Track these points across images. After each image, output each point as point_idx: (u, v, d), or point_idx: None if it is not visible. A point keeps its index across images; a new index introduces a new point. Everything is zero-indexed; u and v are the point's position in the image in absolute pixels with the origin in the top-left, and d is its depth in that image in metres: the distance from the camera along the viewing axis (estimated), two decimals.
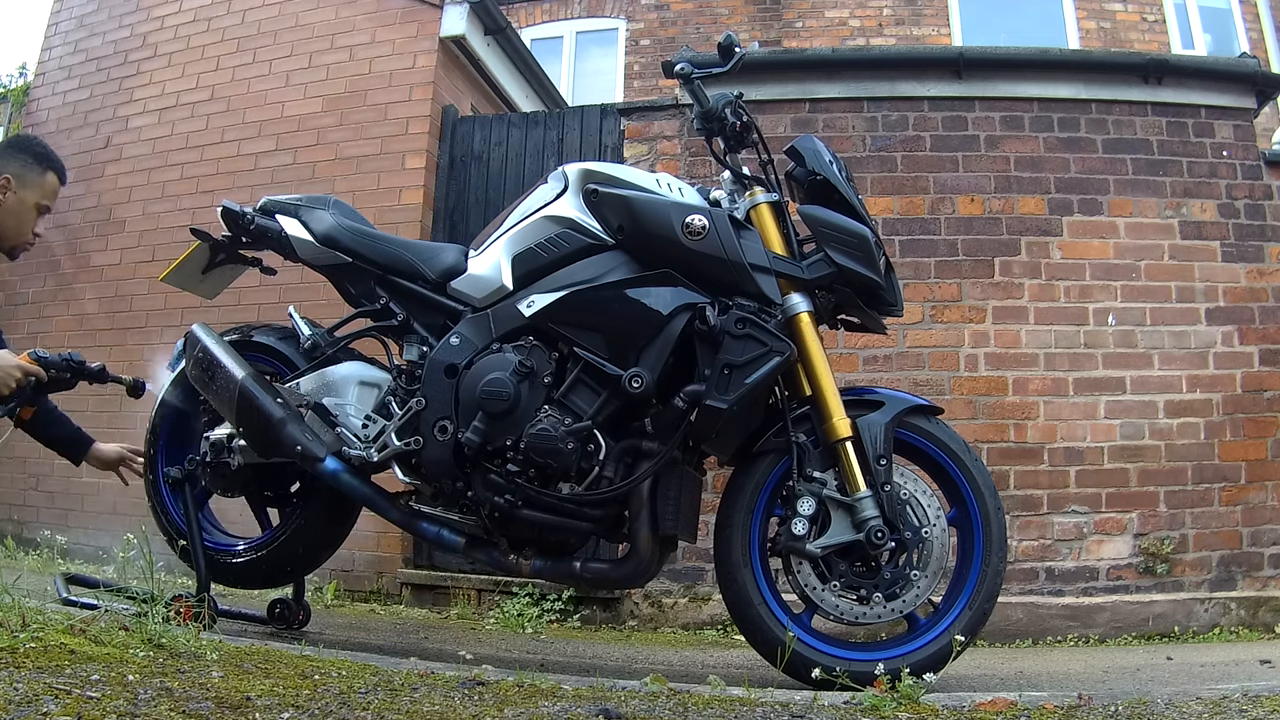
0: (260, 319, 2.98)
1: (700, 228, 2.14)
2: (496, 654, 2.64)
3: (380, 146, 4.53)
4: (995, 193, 3.98)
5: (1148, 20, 7.81)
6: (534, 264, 2.24)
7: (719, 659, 2.85)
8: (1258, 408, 3.81)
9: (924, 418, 2.24)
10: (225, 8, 5.08)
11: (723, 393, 2.07)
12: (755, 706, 1.59)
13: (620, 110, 4.34)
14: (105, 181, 5.04)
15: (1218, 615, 3.59)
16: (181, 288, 2.69)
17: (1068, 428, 3.76)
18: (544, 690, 1.63)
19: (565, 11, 8.80)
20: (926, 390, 3.76)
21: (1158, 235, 3.93)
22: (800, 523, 2.11)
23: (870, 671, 1.97)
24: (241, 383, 2.28)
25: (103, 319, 4.81)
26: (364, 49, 4.72)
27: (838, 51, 4.82)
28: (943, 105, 4.06)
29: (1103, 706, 1.64)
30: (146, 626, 1.63)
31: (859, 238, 2.17)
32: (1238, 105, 4.08)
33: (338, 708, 1.33)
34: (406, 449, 2.23)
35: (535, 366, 2.17)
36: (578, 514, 2.16)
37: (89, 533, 4.52)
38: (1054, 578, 3.64)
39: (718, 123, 2.27)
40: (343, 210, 2.52)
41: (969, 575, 2.18)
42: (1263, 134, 4.98)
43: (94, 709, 1.13)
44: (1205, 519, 3.71)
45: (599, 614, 3.70)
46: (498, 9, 4.83)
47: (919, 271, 3.91)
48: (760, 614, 2.14)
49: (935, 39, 7.85)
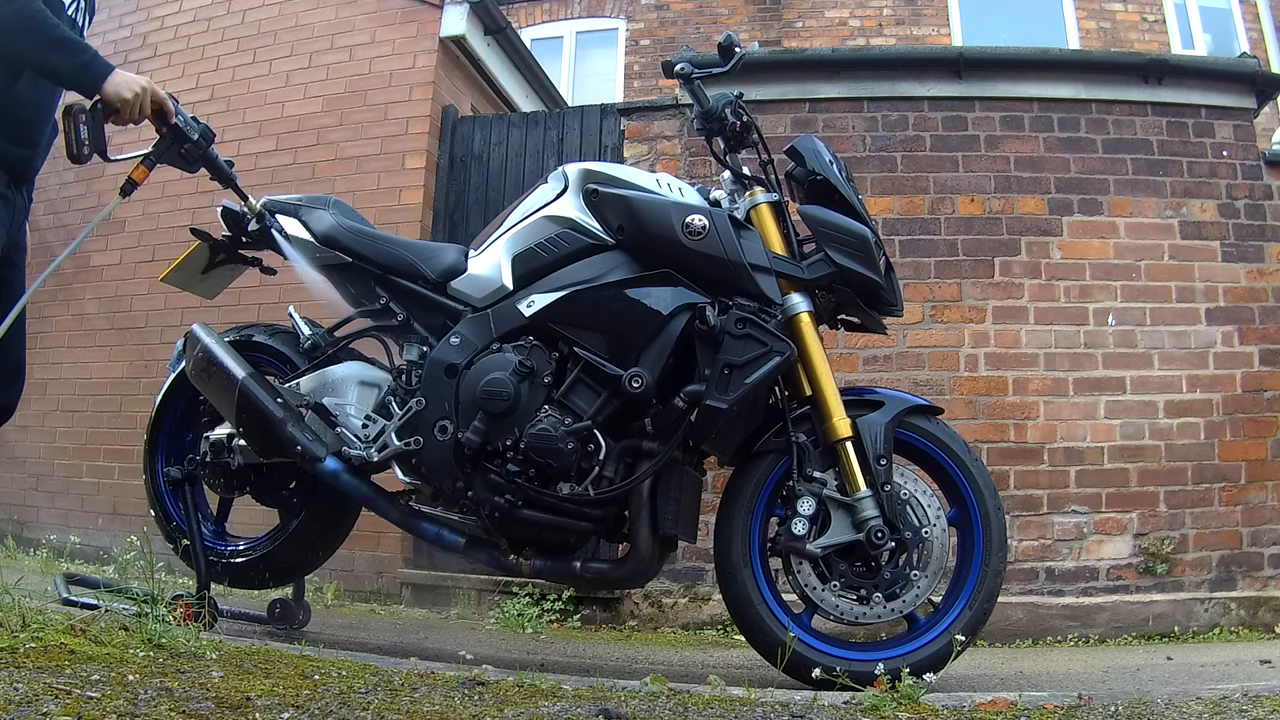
0: (260, 319, 2.98)
1: (700, 228, 2.14)
2: (496, 654, 2.64)
3: (380, 146, 4.53)
4: (995, 193, 3.98)
5: (1148, 20, 7.81)
6: (534, 264, 2.24)
7: (719, 659, 2.85)
8: (1258, 408, 3.81)
9: (924, 418, 2.25)
10: (225, 8, 5.08)
11: (723, 393, 2.07)
12: (755, 706, 1.59)
13: (620, 110, 4.34)
14: (105, 181, 5.04)
15: (1218, 615, 3.59)
16: (181, 288, 2.69)
17: (1068, 428, 3.76)
18: (544, 690, 1.63)
19: (565, 11, 8.80)
20: (926, 390, 3.76)
21: (1158, 235, 3.93)
22: (800, 523, 2.11)
23: (870, 671, 1.97)
24: (242, 383, 2.28)
25: (103, 319, 4.81)
26: (364, 49, 4.72)
27: (838, 51, 4.82)
28: (943, 105, 4.05)
29: (1103, 706, 1.64)
30: (146, 626, 1.63)
31: (859, 238, 2.17)
32: (1238, 105, 4.07)
33: (338, 708, 1.33)
34: (406, 449, 2.23)
35: (535, 366, 2.17)
36: (578, 514, 2.16)
37: (89, 533, 4.52)
38: (1054, 578, 3.64)
39: (718, 123, 2.27)
40: (343, 210, 2.52)
41: (969, 575, 2.18)
42: (1263, 134, 4.98)
43: (94, 709, 1.13)
44: (1205, 519, 3.71)
45: (599, 614, 3.70)
46: (498, 9, 4.83)
47: (919, 271, 3.91)
48: (760, 614, 2.14)
49: (935, 39, 7.84)
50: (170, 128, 2.31)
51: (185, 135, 2.32)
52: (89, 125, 2.16)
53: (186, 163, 2.37)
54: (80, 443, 4.78)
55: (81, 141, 2.16)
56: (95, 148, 2.18)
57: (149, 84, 2.22)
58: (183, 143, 2.33)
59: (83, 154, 2.17)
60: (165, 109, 2.29)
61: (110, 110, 2.19)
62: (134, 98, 2.19)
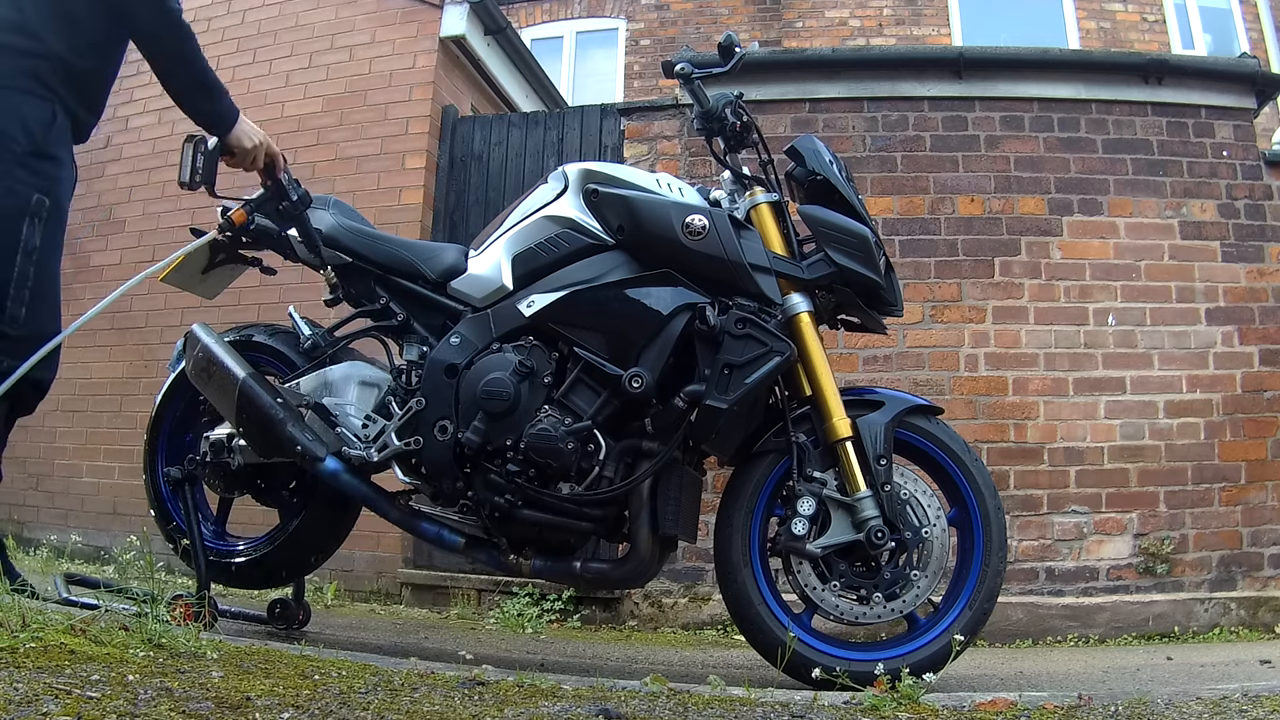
0: (260, 319, 2.98)
1: (700, 227, 2.14)
2: (496, 654, 2.64)
3: (380, 146, 4.53)
4: (995, 193, 3.98)
5: (1148, 20, 7.81)
6: (534, 264, 2.24)
7: (719, 659, 2.85)
8: (1258, 408, 3.81)
9: (924, 418, 2.24)
10: (225, 8, 5.08)
11: (723, 393, 2.07)
12: (755, 706, 1.59)
13: (620, 110, 4.34)
14: (105, 181, 5.04)
15: (1218, 615, 3.59)
16: (181, 288, 2.69)
17: (1068, 428, 3.76)
18: (544, 690, 1.63)
19: (565, 11, 8.80)
20: (926, 390, 3.76)
21: (1158, 235, 3.93)
22: (800, 523, 2.11)
23: (870, 671, 1.97)
24: (242, 383, 2.28)
25: (103, 319, 4.75)
26: (364, 49, 4.72)
27: (838, 51, 4.82)
28: (943, 105, 4.05)
29: (1103, 706, 1.64)
30: (146, 626, 1.63)
31: (859, 238, 2.17)
32: (1238, 105, 4.07)
33: (338, 708, 1.33)
34: (406, 449, 2.23)
35: (535, 366, 2.17)
36: (578, 514, 2.16)
37: (89, 533, 4.52)
38: (1054, 578, 3.64)
39: (718, 123, 2.27)
40: (343, 210, 2.52)
41: (969, 575, 2.18)
42: (1263, 134, 4.98)
43: (94, 709, 1.13)
44: (1205, 519, 3.71)
45: (599, 614, 3.70)
46: (498, 9, 4.83)
47: (919, 271, 3.91)
48: (760, 614, 2.14)
49: (935, 39, 7.85)
50: (275, 181, 2.38)
51: (286, 194, 2.38)
52: (205, 157, 2.30)
53: (281, 219, 2.43)
54: (80, 443, 4.78)
55: (196, 170, 2.29)
56: (206, 180, 2.31)
57: (266, 138, 2.36)
58: (281, 199, 2.39)
59: (194, 182, 2.30)
60: (275, 163, 2.39)
61: (227, 151, 2.32)
62: (253, 148, 2.33)
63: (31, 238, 2.15)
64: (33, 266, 2.16)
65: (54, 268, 2.28)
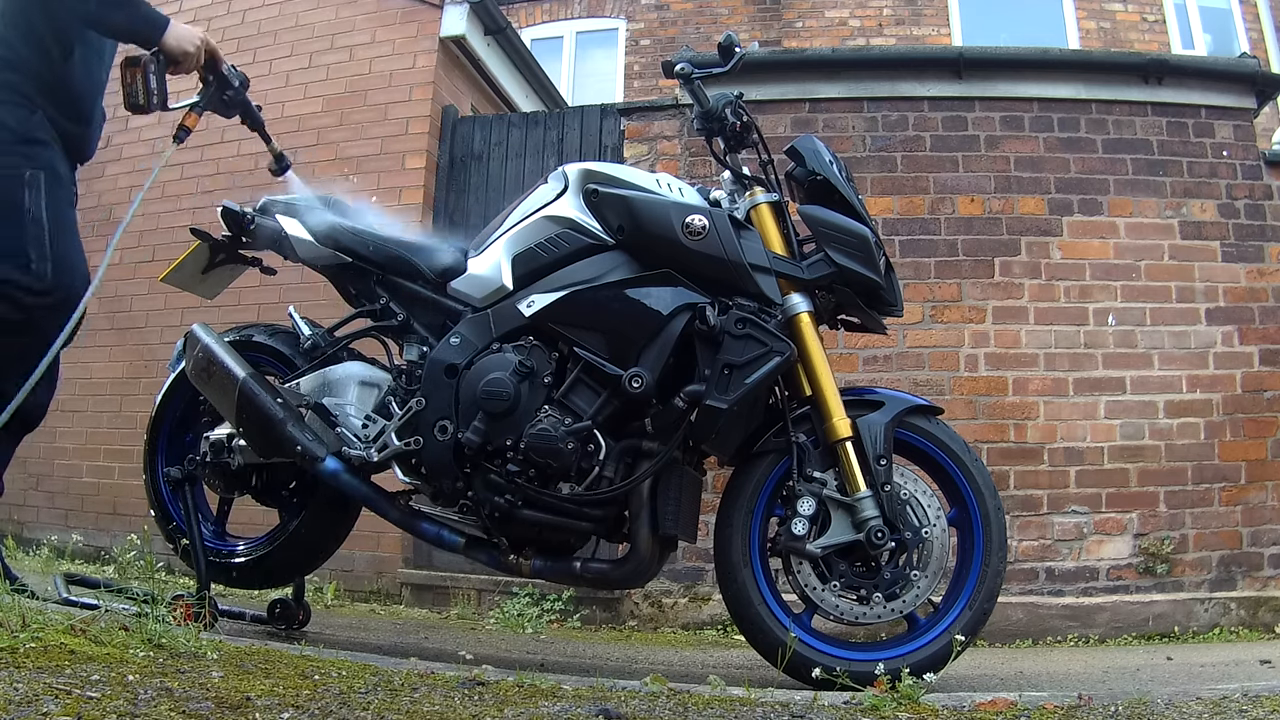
0: (260, 319, 2.98)
1: (700, 228, 2.14)
2: (496, 654, 2.64)
3: (380, 147, 4.53)
4: (995, 193, 3.98)
5: (1148, 20, 7.81)
6: (534, 264, 2.24)
7: (719, 659, 2.85)
8: (1258, 408, 3.81)
9: (924, 418, 2.24)
10: (225, 8, 5.08)
11: (723, 393, 2.07)
12: (755, 706, 1.59)
13: (620, 110, 4.34)
14: (105, 181, 5.04)
15: (1218, 615, 3.59)
16: (181, 288, 2.69)
17: (1068, 428, 3.76)
18: (544, 690, 1.63)
19: (565, 11, 8.80)
20: (926, 390, 3.76)
21: (1158, 235, 3.93)
22: (800, 523, 2.11)
23: (870, 671, 1.97)
24: (242, 383, 2.28)
25: (103, 319, 4.80)
26: (364, 49, 4.72)
27: (838, 51, 4.82)
28: (943, 105, 4.05)
29: (1103, 706, 1.64)
30: (146, 626, 1.63)
31: (859, 238, 2.17)
32: (1238, 105, 4.07)
33: (338, 708, 1.33)
34: (406, 449, 2.23)
35: (535, 366, 2.17)
36: (578, 514, 2.16)
37: (89, 533, 4.52)
38: (1054, 578, 3.64)
39: (718, 123, 2.27)
40: (344, 210, 2.52)
41: (969, 575, 2.18)
42: (1263, 134, 4.98)
43: (94, 709, 1.13)
44: (1205, 519, 3.71)
45: (599, 614, 3.70)
46: (498, 9, 4.83)
47: (919, 271, 3.91)
48: (760, 614, 2.14)
49: (935, 39, 7.85)
50: (217, 75, 2.35)
51: (229, 82, 2.36)
52: (154, 77, 2.22)
53: (227, 108, 2.41)
54: (80, 443, 4.78)
55: (151, 92, 2.22)
56: (159, 100, 2.24)
57: (205, 35, 2.30)
58: (225, 89, 2.36)
59: (151, 104, 2.23)
60: (216, 58, 2.34)
61: (170, 61, 2.24)
62: (195, 50, 2.27)
63: (37, 206, 2.23)
64: (46, 230, 2.25)
65: (72, 232, 2.37)
